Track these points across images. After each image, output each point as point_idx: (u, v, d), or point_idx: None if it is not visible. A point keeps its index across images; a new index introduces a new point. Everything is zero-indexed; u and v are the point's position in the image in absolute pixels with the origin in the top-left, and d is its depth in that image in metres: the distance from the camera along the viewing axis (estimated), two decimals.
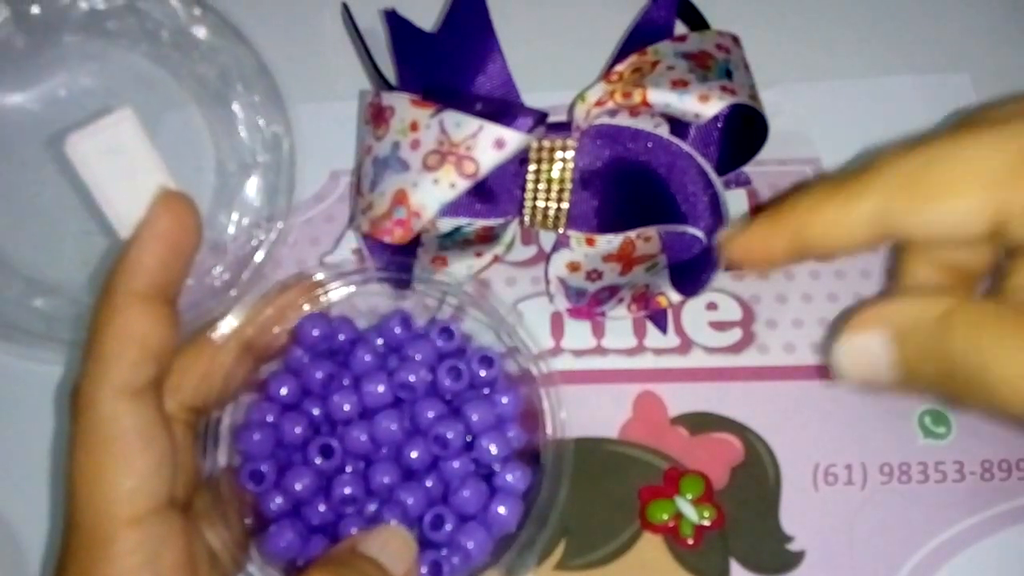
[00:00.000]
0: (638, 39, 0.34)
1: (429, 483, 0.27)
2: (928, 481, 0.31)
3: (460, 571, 0.27)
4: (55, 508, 0.32)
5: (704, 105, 0.31)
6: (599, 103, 0.32)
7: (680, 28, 0.36)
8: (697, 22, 0.36)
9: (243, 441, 0.27)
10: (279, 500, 0.27)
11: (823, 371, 0.33)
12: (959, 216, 0.21)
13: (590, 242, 0.34)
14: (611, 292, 0.33)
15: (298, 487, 0.27)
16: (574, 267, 0.34)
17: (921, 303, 0.22)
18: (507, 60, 0.34)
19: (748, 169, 0.35)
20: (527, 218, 0.34)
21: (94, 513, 0.23)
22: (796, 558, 0.30)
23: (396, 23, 0.34)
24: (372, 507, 0.27)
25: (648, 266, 0.33)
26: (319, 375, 0.28)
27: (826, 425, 0.32)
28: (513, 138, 0.29)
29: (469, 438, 0.28)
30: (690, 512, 0.31)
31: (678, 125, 0.33)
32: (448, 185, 0.30)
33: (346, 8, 0.37)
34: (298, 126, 0.38)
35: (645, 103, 0.31)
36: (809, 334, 0.34)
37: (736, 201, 0.36)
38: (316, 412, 0.28)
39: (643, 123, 0.33)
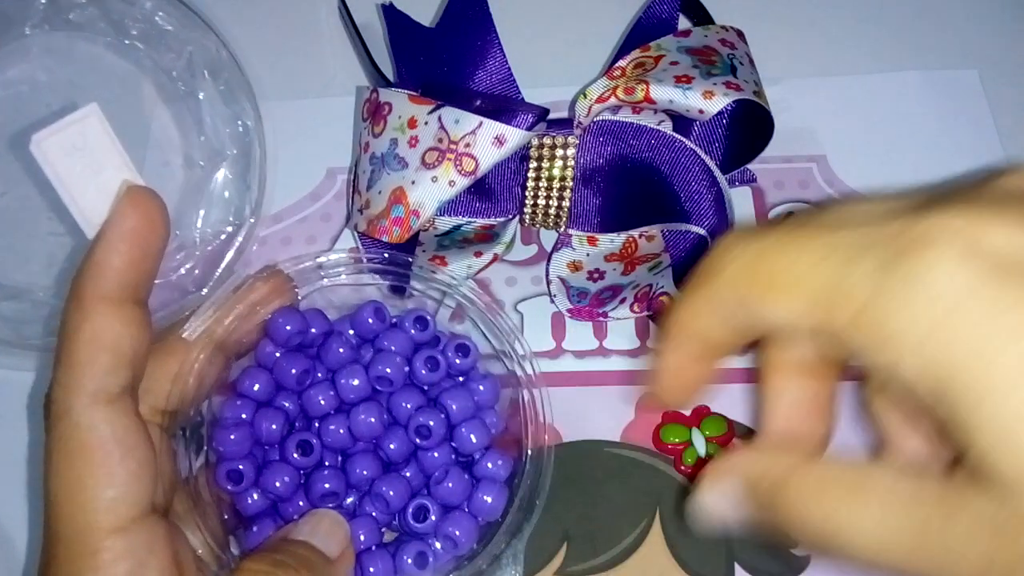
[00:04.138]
0: (641, 34, 0.34)
1: (409, 474, 0.27)
2: None
3: (445, 560, 0.27)
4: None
5: (708, 101, 0.30)
6: (601, 99, 0.31)
7: (684, 23, 0.36)
8: (701, 17, 0.35)
9: (219, 440, 0.27)
10: (258, 498, 0.27)
11: None
12: (789, 316, 0.20)
13: (592, 241, 0.33)
14: (613, 292, 0.33)
15: (277, 485, 0.27)
16: (576, 266, 0.33)
17: (764, 461, 0.22)
18: (507, 55, 0.34)
19: (753, 166, 0.35)
20: (527, 216, 0.33)
21: (76, 524, 0.22)
22: (802, 563, 0.30)
23: (394, 18, 0.34)
24: (352, 500, 0.27)
25: (651, 265, 0.33)
26: (293, 370, 0.28)
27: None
28: (513, 135, 0.29)
29: (448, 427, 0.28)
30: (700, 445, 0.31)
31: (682, 122, 0.33)
32: (447, 183, 0.29)
33: (343, 2, 0.36)
34: (294, 123, 0.38)
35: (648, 99, 0.31)
36: None
37: (741, 199, 0.35)
38: (291, 407, 0.28)
39: (646, 119, 0.32)
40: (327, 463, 0.27)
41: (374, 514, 0.26)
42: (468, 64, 0.34)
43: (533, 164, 0.32)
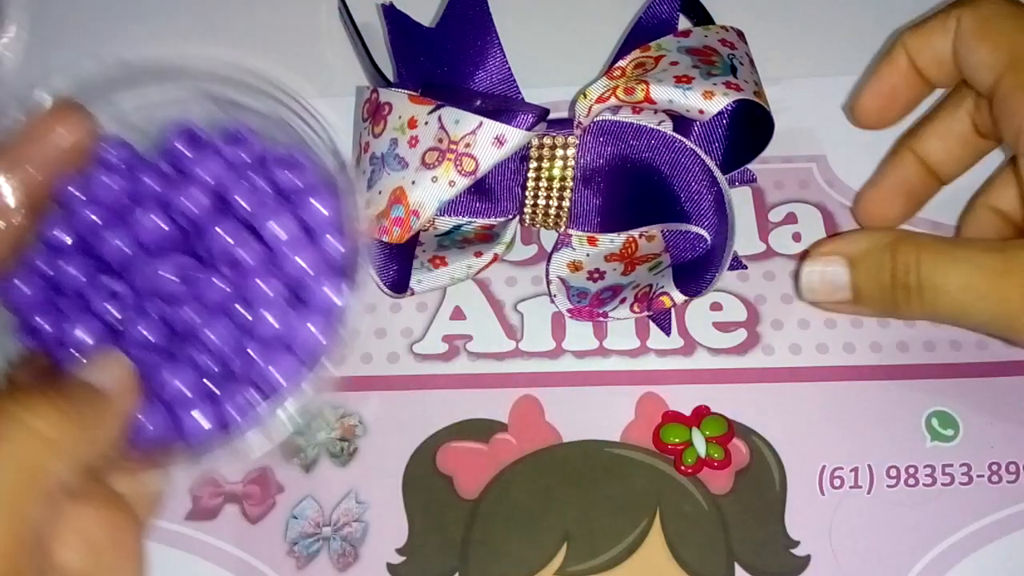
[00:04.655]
0: (641, 34, 0.34)
1: (233, 310, 0.24)
2: (935, 484, 0.31)
3: (271, 400, 0.23)
4: None
5: (708, 102, 0.30)
6: (601, 99, 0.31)
7: (684, 23, 0.36)
8: (701, 17, 0.35)
9: (11, 292, 0.24)
10: (64, 355, 0.24)
11: (829, 373, 0.33)
12: (980, 61, 0.28)
13: (592, 241, 0.33)
14: (614, 292, 0.33)
15: (82, 337, 0.24)
16: (576, 267, 0.33)
17: (873, 235, 0.30)
18: (507, 55, 0.34)
19: (753, 166, 0.35)
20: (527, 217, 0.33)
21: None
22: (802, 563, 0.30)
23: (394, 17, 0.34)
24: (168, 347, 0.24)
25: (652, 266, 0.33)
26: (93, 213, 0.24)
27: (832, 428, 0.32)
28: (513, 135, 0.29)
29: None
30: (700, 445, 0.31)
31: (682, 122, 0.33)
32: (447, 183, 0.29)
33: (343, 2, 0.36)
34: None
35: (648, 99, 0.31)
36: (815, 335, 0.33)
37: (741, 199, 0.35)
38: (96, 251, 0.24)
39: (646, 120, 0.32)
40: (138, 310, 0.24)
41: (195, 359, 0.24)
42: (468, 64, 0.34)
43: (533, 164, 0.32)
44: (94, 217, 0.24)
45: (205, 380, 0.24)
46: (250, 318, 0.24)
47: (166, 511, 0.31)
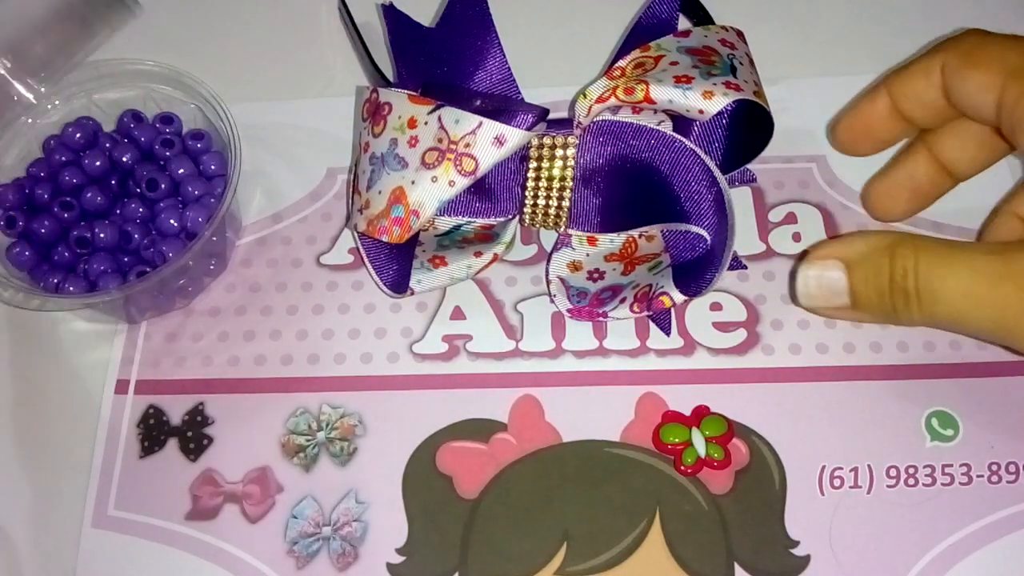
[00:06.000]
0: (641, 34, 0.34)
1: (146, 218, 0.35)
2: (935, 484, 0.31)
3: (159, 271, 0.32)
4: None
5: (708, 102, 0.30)
6: (601, 99, 0.31)
7: (684, 23, 0.36)
8: (701, 17, 0.35)
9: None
10: (27, 251, 0.34)
11: (829, 373, 0.33)
12: (977, 87, 0.28)
13: (592, 241, 0.33)
14: (613, 292, 0.33)
15: (42, 230, 0.34)
16: (575, 267, 0.33)
17: (871, 237, 0.28)
18: (507, 55, 0.34)
19: (753, 166, 0.35)
20: (527, 216, 0.33)
21: None
22: (802, 563, 0.30)
23: (394, 17, 0.34)
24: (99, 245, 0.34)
25: (651, 266, 0.33)
26: (61, 155, 0.35)
27: (832, 428, 0.32)
28: (513, 135, 0.29)
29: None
30: (700, 445, 0.31)
31: (682, 122, 0.33)
32: (447, 183, 0.29)
33: (343, 2, 0.36)
34: (294, 123, 0.38)
35: (648, 99, 0.30)
36: (815, 335, 0.33)
37: (741, 199, 0.35)
38: (58, 180, 0.35)
39: (646, 120, 0.32)
40: (79, 218, 0.34)
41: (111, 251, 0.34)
42: (468, 64, 0.34)
43: (533, 164, 0.32)
44: (61, 158, 0.35)
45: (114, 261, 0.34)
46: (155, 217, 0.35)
47: (166, 511, 0.31)
